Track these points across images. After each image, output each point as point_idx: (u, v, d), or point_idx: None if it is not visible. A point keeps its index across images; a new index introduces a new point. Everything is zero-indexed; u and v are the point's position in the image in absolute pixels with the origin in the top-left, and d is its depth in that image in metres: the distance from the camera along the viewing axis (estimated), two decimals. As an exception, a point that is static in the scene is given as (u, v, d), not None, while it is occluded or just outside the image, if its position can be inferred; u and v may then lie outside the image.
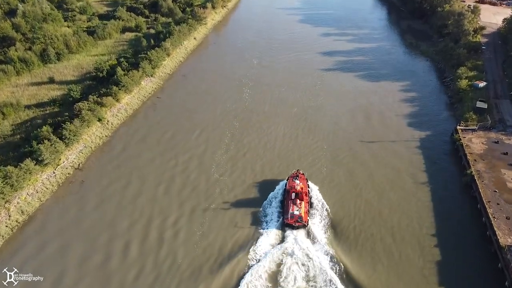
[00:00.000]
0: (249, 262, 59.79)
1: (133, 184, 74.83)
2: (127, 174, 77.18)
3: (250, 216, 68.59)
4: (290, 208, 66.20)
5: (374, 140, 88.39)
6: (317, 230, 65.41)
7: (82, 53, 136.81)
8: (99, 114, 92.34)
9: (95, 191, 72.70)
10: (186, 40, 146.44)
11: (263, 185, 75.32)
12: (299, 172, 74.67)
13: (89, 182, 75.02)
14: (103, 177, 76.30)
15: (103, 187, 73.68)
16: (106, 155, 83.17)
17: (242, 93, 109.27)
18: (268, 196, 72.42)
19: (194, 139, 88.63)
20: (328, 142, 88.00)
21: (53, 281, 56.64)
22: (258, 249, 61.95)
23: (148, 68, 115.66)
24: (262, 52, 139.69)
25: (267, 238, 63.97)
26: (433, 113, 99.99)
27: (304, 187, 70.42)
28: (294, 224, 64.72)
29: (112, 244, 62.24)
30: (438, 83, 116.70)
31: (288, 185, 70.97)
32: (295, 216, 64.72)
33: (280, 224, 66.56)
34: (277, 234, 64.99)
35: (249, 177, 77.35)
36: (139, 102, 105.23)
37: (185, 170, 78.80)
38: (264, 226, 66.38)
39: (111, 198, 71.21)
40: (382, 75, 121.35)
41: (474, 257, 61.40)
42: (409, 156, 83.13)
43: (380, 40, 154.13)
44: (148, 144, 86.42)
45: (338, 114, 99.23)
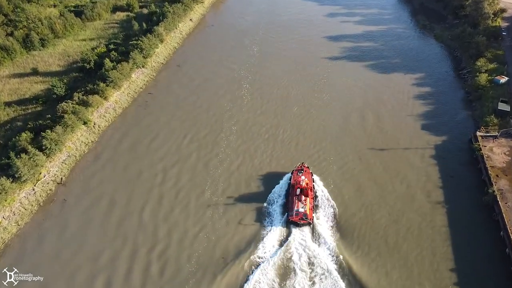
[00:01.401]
0: (254, 262, 58.37)
1: (117, 203, 67.86)
2: (111, 191, 70.20)
3: (254, 212, 66.81)
4: (294, 205, 64.82)
5: (386, 148, 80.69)
6: (322, 228, 63.84)
7: (69, 37, 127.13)
8: (84, 116, 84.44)
9: (77, 213, 65.92)
10: (182, 23, 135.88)
11: (267, 179, 73.29)
12: (303, 166, 72.41)
13: (72, 201, 68.19)
14: (86, 194, 69.35)
15: (85, 208, 66.79)
16: (91, 166, 75.95)
17: (241, 88, 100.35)
18: (271, 191, 70.61)
19: (185, 146, 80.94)
20: (334, 151, 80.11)
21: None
22: (263, 249, 60.44)
23: (139, 58, 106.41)
24: (263, 36, 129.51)
25: (272, 236, 62.44)
26: (449, 113, 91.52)
27: (309, 182, 68.29)
28: (298, 221, 63.13)
29: (93, 282, 56.14)
30: (454, 76, 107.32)
31: (293, 179, 68.99)
32: (300, 213, 63.36)
33: (284, 221, 64.82)
34: (281, 232, 63.43)
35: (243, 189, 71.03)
36: (129, 99, 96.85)
37: (175, 186, 71.84)
38: (269, 223, 64.92)
39: (93, 222, 64.37)
40: (393, 66, 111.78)
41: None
42: (423, 168, 75.64)
43: (390, 21, 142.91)
44: (138, 153, 78.84)
45: (345, 115, 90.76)
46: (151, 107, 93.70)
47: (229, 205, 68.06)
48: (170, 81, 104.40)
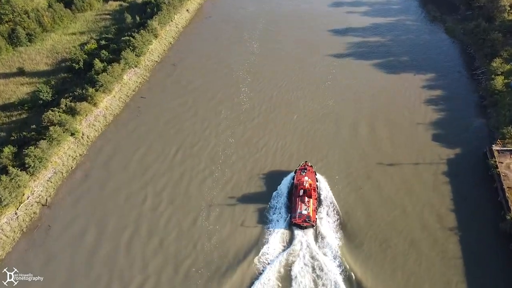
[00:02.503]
0: (257, 267, 57.98)
1: (104, 232, 63.29)
2: (98, 217, 65.57)
3: (257, 213, 65.93)
4: (298, 206, 63.71)
5: (395, 162, 75.18)
6: (326, 230, 63.02)
7: (58, 30, 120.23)
8: (72, 127, 78.87)
9: (61, 243, 61.54)
10: (178, 14, 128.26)
11: (269, 180, 71.73)
12: (307, 165, 70.87)
13: (56, 228, 63.61)
14: (72, 220, 64.89)
15: (70, 237, 62.39)
16: (78, 185, 71.00)
17: (239, 92, 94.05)
18: (273, 192, 69.58)
19: (178, 163, 75.61)
20: (338, 166, 74.56)
21: None
22: (265, 253, 59.65)
23: (131, 57, 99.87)
24: (263, 29, 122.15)
25: (275, 239, 61.63)
26: (462, 121, 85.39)
27: (313, 182, 66.94)
28: (301, 224, 62.17)
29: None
30: (467, 76, 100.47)
31: (296, 179, 67.85)
32: (303, 216, 62.31)
33: (287, 223, 63.97)
34: (284, 235, 62.68)
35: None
36: (120, 104, 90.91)
37: (165, 211, 67.14)
38: (271, 225, 64.01)
39: (78, 256, 59.95)
40: (402, 65, 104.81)
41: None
42: (435, 188, 70.35)
43: (399, 12, 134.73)
44: (127, 171, 73.67)
45: (351, 124, 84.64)
46: (144, 114, 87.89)
47: (230, 207, 64.41)
48: (164, 83, 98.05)
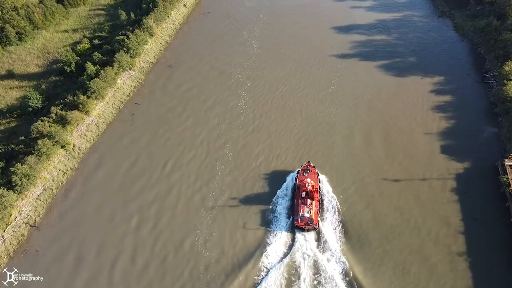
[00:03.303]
0: (259, 272, 58.03)
1: (94, 267, 59.93)
2: (90, 239, 62.66)
3: (259, 215, 65.74)
4: (300, 209, 63.05)
5: (400, 178, 71.55)
6: (328, 232, 62.83)
7: (49, 27, 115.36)
8: (62, 139, 75.05)
9: (49, 270, 58.42)
10: (175, 10, 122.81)
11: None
12: (309, 165, 70.13)
13: (45, 253, 60.52)
14: (61, 244, 61.90)
15: (58, 262, 59.46)
16: (68, 204, 67.81)
17: (238, 99, 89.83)
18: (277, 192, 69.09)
19: (169, 176, 72.44)
20: (342, 185, 70.84)
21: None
22: (268, 257, 59.58)
23: (125, 59, 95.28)
24: (264, 27, 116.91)
25: (277, 242, 61.36)
26: (472, 130, 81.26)
27: (315, 183, 66.37)
28: (304, 227, 61.80)
29: None
30: (477, 80, 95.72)
31: (299, 180, 67.44)
32: (305, 218, 61.87)
33: (289, 225, 63.57)
34: (287, 237, 62.36)
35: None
36: (114, 111, 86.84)
37: (153, 231, 64.03)
38: (274, 228, 63.69)
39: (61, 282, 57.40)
40: (409, 67, 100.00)
41: None
42: (441, 207, 66.70)
43: (405, 7, 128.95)
44: (121, 189, 70.33)
45: (355, 134, 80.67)
46: (138, 121, 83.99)
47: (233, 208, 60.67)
48: (160, 88, 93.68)
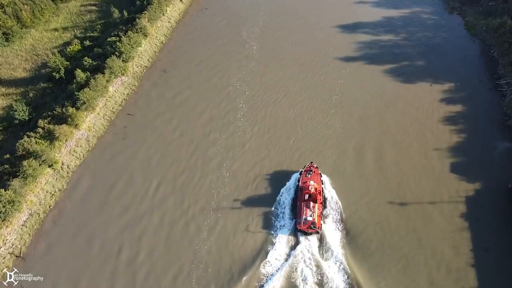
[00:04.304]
0: (261, 278, 57.94)
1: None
2: (74, 274, 59.13)
3: (261, 217, 65.69)
4: (303, 212, 62.75)
5: (407, 201, 67.45)
6: (331, 235, 62.80)
7: (38, 26, 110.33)
8: (49, 157, 71.07)
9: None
10: (170, 6, 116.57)
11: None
12: (312, 166, 69.55)
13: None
14: (46, 277, 58.36)
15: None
16: (57, 230, 64.20)
17: (236, 110, 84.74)
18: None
19: (168, 207, 68.71)
20: (347, 211, 67.28)
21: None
22: (269, 264, 59.42)
23: (117, 65, 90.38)
24: (264, 26, 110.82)
25: (280, 246, 61.46)
26: (484, 145, 76.47)
27: (318, 185, 65.99)
28: (306, 230, 61.87)
29: None
30: (489, 86, 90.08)
31: (302, 181, 66.87)
32: (308, 222, 61.60)
33: (292, 229, 63.70)
34: (289, 241, 62.55)
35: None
36: (105, 123, 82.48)
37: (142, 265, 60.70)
38: (276, 231, 63.75)
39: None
40: (417, 71, 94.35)
41: None
42: (450, 235, 62.81)
43: (414, 3, 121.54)
44: (108, 214, 66.39)
45: (359, 150, 76.18)
46: (130, 135, 79.83)
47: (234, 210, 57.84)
48: (154, 96, 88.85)
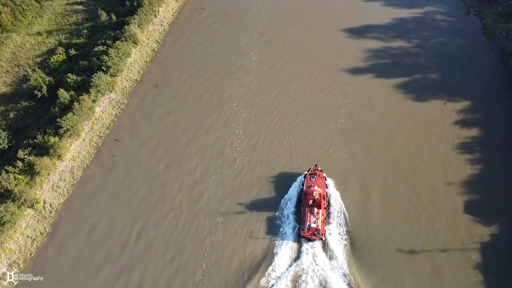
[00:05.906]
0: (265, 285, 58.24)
1: None
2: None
3: (265, 222, 65.52)
4: (306, 218, 62.53)
5: (418, 249, 62.16)
6: (334, 242, 62.60)
7: (20, 29, 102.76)
8: (30, 197, 65.68)
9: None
10: (163, 5, 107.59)
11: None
12: (317, 169, 68.81)
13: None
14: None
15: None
16: (37, 284, 59.49)
17: (232, 136, 78.10)
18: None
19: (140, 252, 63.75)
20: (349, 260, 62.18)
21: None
22: (274, 269, 59.72)
23: (104, 81, 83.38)
24: (263, 32, 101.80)
25: (283, 253, 61.40)
26: (502, 180, 70.35)
27: (322, 190, 65.55)
28: (310, 237, 61.79)
29: None
30: (509, 105, 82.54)
31: (306, 185, 66.51)
32: (312, 229, 61.35)
33: (296, 235, 63.51)
34: (293, 247, 62.56)
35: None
36: (91, 150, 76.41)
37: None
38: (280, 237, 63.51)
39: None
40: (431, 86, 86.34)
41: None
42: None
43: (427, 2, 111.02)
44: (101, 265, 61.65)
45: (366, 185, 70.40)
46: (117, 165, 74.02)
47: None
48: (143, 117, 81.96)
